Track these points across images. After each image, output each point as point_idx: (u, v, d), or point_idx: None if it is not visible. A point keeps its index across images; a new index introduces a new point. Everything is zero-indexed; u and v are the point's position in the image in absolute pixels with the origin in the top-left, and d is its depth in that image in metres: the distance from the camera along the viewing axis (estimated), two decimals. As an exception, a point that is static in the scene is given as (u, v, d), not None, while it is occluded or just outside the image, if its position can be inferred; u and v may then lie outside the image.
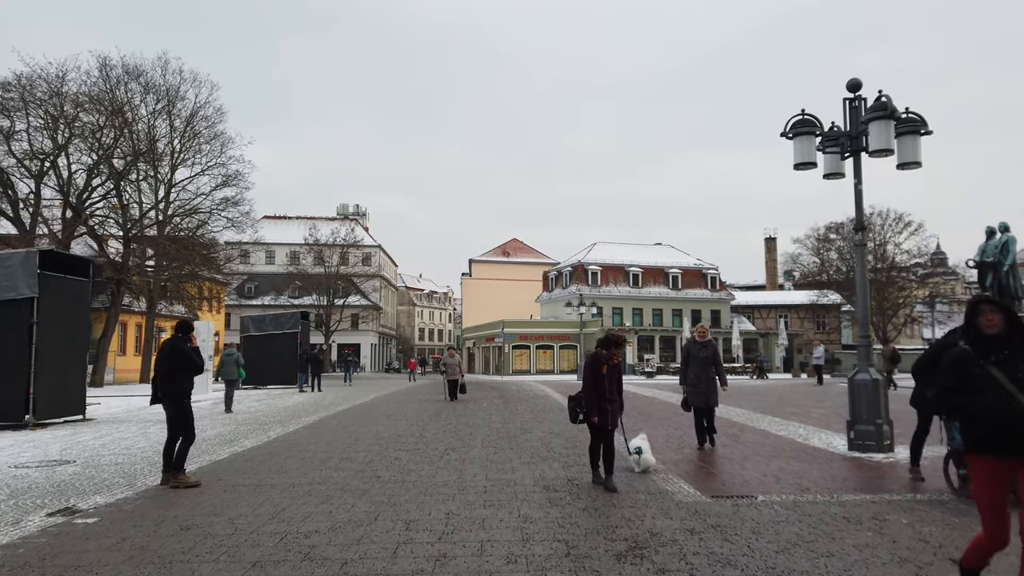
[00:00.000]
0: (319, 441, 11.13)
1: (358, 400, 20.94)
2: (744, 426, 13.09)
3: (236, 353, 19.33)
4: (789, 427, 12.54)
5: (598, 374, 7.27)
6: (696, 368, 9.74)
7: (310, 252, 69.07)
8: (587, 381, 7.26)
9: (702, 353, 9.77)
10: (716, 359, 9.82)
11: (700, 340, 9.88)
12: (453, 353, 20.92)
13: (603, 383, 7.23)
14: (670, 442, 10.63)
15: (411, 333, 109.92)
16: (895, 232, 56.14)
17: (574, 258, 64.24)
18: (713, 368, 9.76)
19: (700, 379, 9.67)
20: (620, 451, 7.78)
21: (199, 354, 8.09)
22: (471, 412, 16.29)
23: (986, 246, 26.80)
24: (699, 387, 9.68)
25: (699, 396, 9.70)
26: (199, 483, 7.54)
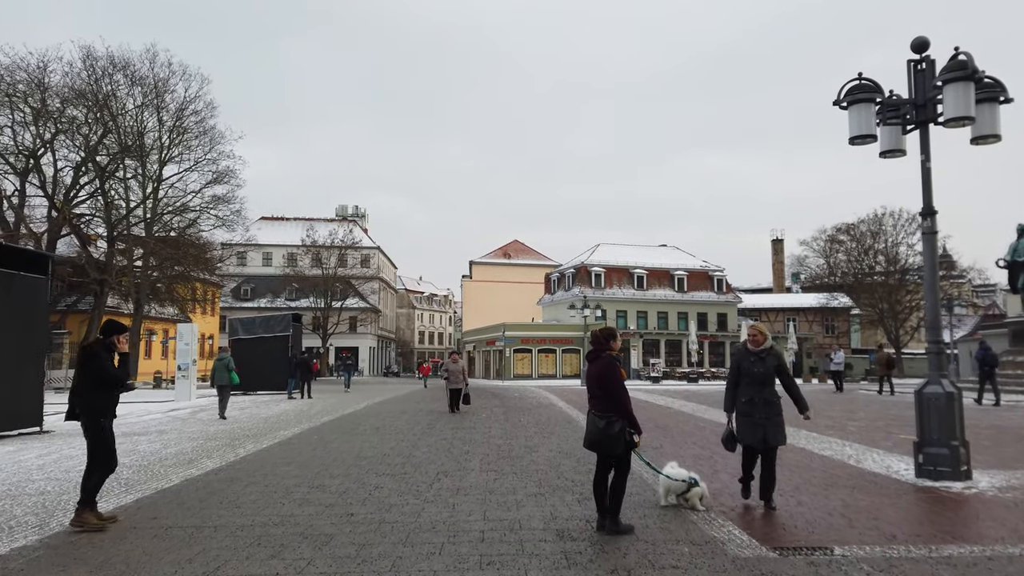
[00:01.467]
0: (291, 462, 9.60)
1: (347, 409, 19.41)
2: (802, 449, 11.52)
3: (228, 357, 18.30)
4: (831, 444, 11.00)
5: (621, 378, 5.82)
6: (750, 389, 6.58)
7: (307, 254, 67.68)
8: (619, 390, 5.71)
9: (757, 367, 6.58)
10: (782, 374, 6.64)
11: (753, 347, 6.66)
12: (456, 358, 18.52)
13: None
14: (700, 464, 9.09)
15: (411, 336, 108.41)
16: (908, 233, 54.69)
17: (577, 259, 62.72)
18: (772, 389, 6.59)
19: (755, 405, 6.52)
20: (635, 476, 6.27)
21: (125, 364, 6.52)
22: (469, 425, 14.76)
23: (1017, 245, 25.27)
24: (753, 416, 6.50)
25: (752, 429, 6.50)
26: (109, 523, 6.01)
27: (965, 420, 7.97)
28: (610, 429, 5.64)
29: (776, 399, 6.57)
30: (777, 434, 6.49)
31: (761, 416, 6.50)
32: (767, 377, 6.59)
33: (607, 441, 5.65)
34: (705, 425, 14.49)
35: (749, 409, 6.57)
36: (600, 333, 5.98)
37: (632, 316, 58.21)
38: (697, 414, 17.05)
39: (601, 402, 5.74)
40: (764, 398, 6.52)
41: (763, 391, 6.55)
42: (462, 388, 17.56)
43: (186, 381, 24.70)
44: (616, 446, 5.65)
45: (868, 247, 57.11)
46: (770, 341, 6.73)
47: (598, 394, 5.77)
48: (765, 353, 6.66)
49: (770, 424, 6.48)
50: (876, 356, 39.27)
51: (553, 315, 61.84)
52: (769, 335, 6.81)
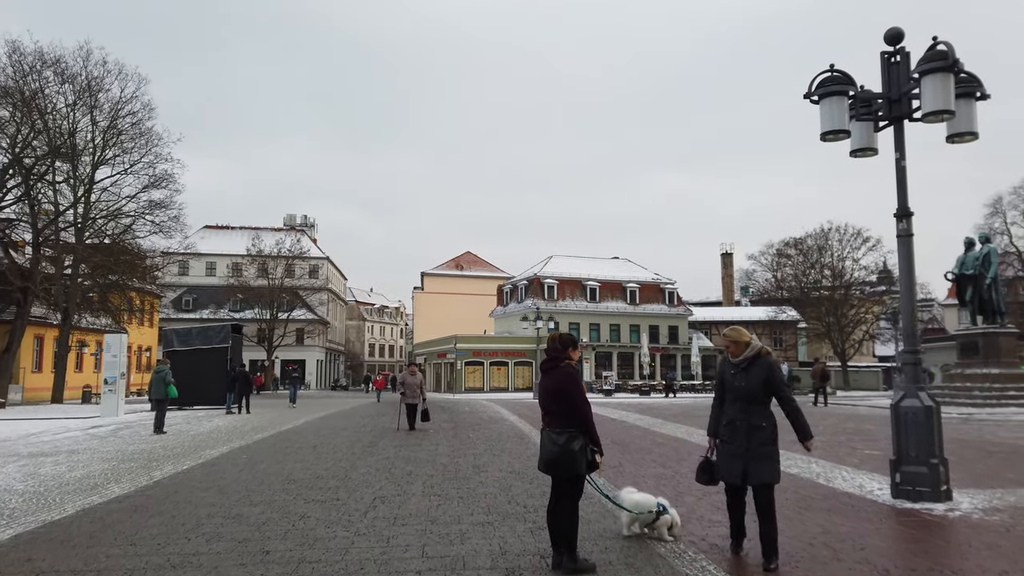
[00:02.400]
0: (210, 487, 8.57)
1: (285, 425, 18.25)
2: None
3: (165, 370, 17.47)
4: (796, 461, 10.44)
5: (583, 391, 5.08)
6: (733, 408, 5.19)
7: (253, 263, 65.62)
8: (581, 404, 4.95)
9: (739, 381, 5.18)
10: (775, 389, 5.14)
11: (733, 357, 5.26)
12: (414, 370, 16.80)
13: None
14: (663, 485, 8.39)
15: (361, 349, 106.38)
16: (853, 248, 55.71)
17: (530, 271, 62.20)
18: (761, 409, 5.11)
19: (736, 429, 5.11)
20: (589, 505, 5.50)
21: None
22: (414, 442, 13.84)
23: (965, 258, 25.52)
24: (734, 444, 5.11)
25: (730, 461, 5.13)
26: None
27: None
28: (570, 445, 4.83)
29: (766, 423, 5.05)
30: (762, 469, 4.98)
31: (742, 444, 5.05)
32: (752, 393, 5.10)
33: (566, 460, 4.84)
34: (664, 441, 13.87)
35: (730, 434, 5.15)
36: (558, 339, 5.21)
37: (585, 328, 57.82)
38: (654, 428, 16.46)
39: (559, 418, 4.95)
40: (749, 421, 5.06)
41: (748, 412, 5.08)
42: (419, 403, 16.01)
43: (113, 396, 23.11)
44: (577, 465, 4.85)
45: (815, 261, 57.99)
46: (755, 346, 5.23)
47: (554, 409, 4.99)
48: (747, 363, 5.18)
49: (753, 455, 5.00)
50: (812, 368, 39.59)
51: (505, 327, 61.11)
52: (752, 338, 5.32)
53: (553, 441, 4.91)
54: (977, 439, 13.74)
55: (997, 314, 23.73)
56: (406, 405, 16.16)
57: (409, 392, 16.08)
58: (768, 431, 5.07)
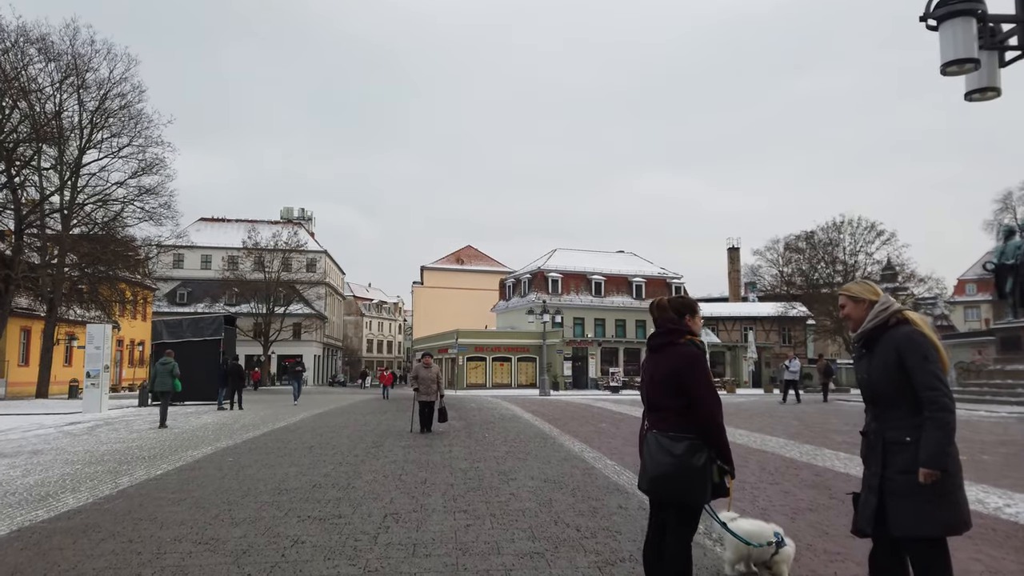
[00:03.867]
0: (185, 499, 7.06)
1: (278, 423, 16.71)
2: (821, 469, 9.43)
3: (172, 362, 16.62)
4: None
5: (711, 379, 3.57)
6: (867, 412, 3.38)
7: (249, 256, 64.01)
8: (708, 398, 3.41)
9: (862, 368, 3.36)
10: (913, 375, 3.08)
11: (853, 330, 3.37)
12: (428, 362, 14.18)
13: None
14: (738, 497, 6.88)
15: (359, 345, 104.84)
16: (867, 242, 54.18)
17: (533, 265, 60.63)
18: (905, 412, 3.13)
19: (872, 445, 3.27)
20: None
21: None
22: (424, 443, 12.33)
23: (1005, 247, 23.97)
24: (868, 467, 3.29)
25: (864, 498, 3.25)
26: None
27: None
28: (691, 458, 3.36)
29: (911, 436, 3.08)
30: (908, 511, 3.05)
31: (875, 471, 3.18)
32: (880, 387, 3.19)
33: (684, 479, 3.36)
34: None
35: (864, 454, 3.33)
36: (670, 305, 3.70)
37: (589, 323, 56.33)
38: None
39: (674, 418, 3.46)
40: (884, 434, 3.17)
41: (881, 418, 3.20)
42: (436, 401, 13.71)
43: (96, 390, 21.58)
44: (697, 488, 3.37)
45: (823, 255, 56.47)
46: (885, 308, 3.23)
47: (666, 405, 3.49)
48: (869, 336, 3.25)
49: (894, 489, 3.09)
50: (816, 365, 38.13)
51: (508, 322, 59.61)
52: (883, 295, 3.33)
53: (666, 450, 3.42)
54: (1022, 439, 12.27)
55: (1040, 306, 22.26)
56: (420, 403, 13.93)
57: (423, 387, 13.78)
58: (917, 447, 3.06)
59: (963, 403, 22.53)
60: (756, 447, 11.31)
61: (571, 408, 22.61)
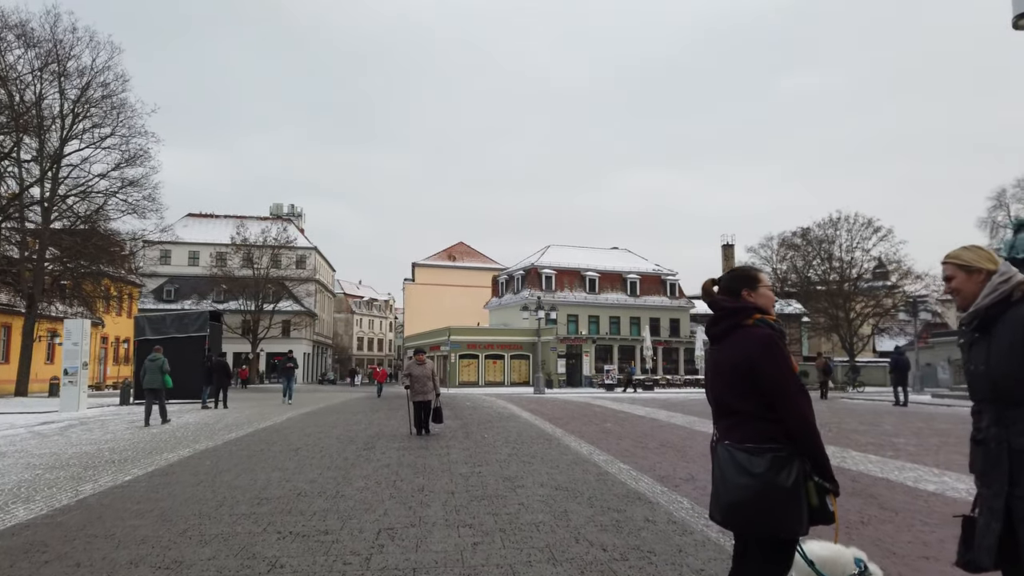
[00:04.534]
0: (150, 511, 6.22)
1: (264, 422, 15.84)
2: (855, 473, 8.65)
3: (161, 359, 15.92)
4: (925, 474, 8.21)
5: (794, 369, 2.69)
6: (981, 413, 2.62)
7: (237, 253, 62.89)
8: (794, 393, 2.60)
9: (976, 359, 2.58)
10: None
11: (961, 308, 2.68)
12: (422, 359, 13.16)
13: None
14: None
15: (349, 342, 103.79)
16: (863, 238, 53.61)
17: (527, 261, 59.82)
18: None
19: (990, 454, 2.50)
20: None
21: None
22: (419, 444, 11.52)
23: (1015, 241, 23.36)
24: (989, 484, 2.49)
25: (984, 520, 2.50)
26: None
27: None
28: (777, 476, 2.53)
29: None
30: None
31: (1000, 487, 2.42)
32: (1001, 379, 2.45)
33: (771, 505, 2.52)
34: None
35: (981, 465, 2.56)
36: (731, 277, 2.91)
37: (583, 320, 55.58)
38: (695, 427, 14.16)
39: (751, 424, 2.63)
40: (1009, 440, 2.41)
41: (1003, 419, 2.45)
42: (432, 400, 12.73)
43: (73, 388, 20.66)
44: (790, 516, 2.54)
45: (818, 252, 55.92)
46: (1006, 275, 2.53)
47: (741, 406, 2.66)
48: (985, 316, 2.54)
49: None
50: (816, 363, 37.71)
51: (501, 319, 58.81)
52: (1002, 263, 2.61)
53: (742, 468, 2.58)
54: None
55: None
56: (414, 404, 12.91)
57: (417, 386, 12.72)
58: None
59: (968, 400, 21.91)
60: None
61: (570, 407, 21.84)
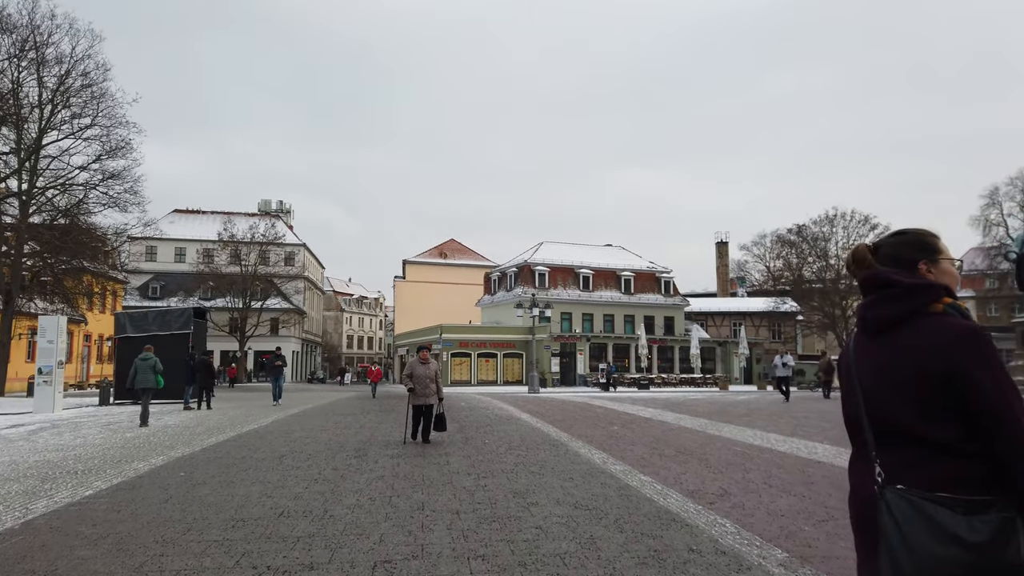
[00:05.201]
0: (105, 536, 5.31)
1: (247, 425, 14.88)
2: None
3: (153, 357, 15.62)
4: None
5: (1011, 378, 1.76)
6: None
7: (225, 249, 61.67)
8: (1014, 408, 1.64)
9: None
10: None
11: None
12: (426, 356, 11.59)
13: None
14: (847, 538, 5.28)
15: (338, 341, 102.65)
16: (860, 236, 53.02)
17: (519, 258, 58.94)
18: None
19: None
20: None
21: None
22: (415, 451, 10.63)
23: (1029, 235, 22.85)
24: None
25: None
26: None
27: None
28: (1006, 552, 1.58)
29: None
30: None
31: None
32: None
33: None
34: (749, 452, 10.74)
35: None
36: (903, 242, 2.00)
37: (578, 318, 54.78)
38: (709, 431, 13.33)
39: (944, 459, 1.69)
40: None
41: None
42: (434, 405, 11.25)
43: (48, 388, 19.68)
44: None
45: (817, 249, 55.38)
46: None
47: (929, 432, 1.72)
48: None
49: None
50: (820, 362, 37.58)
51: (493, 317, 57.92)
52: None
53: (945, 531, 1.61)
54: None
55: (1065, 299, 20.98)
56: (414, 408, 11.42)
57: (419, 387, 11.17)
58: None
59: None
60: (817, 459, 9.75)
61: (569, 407, 21.00)
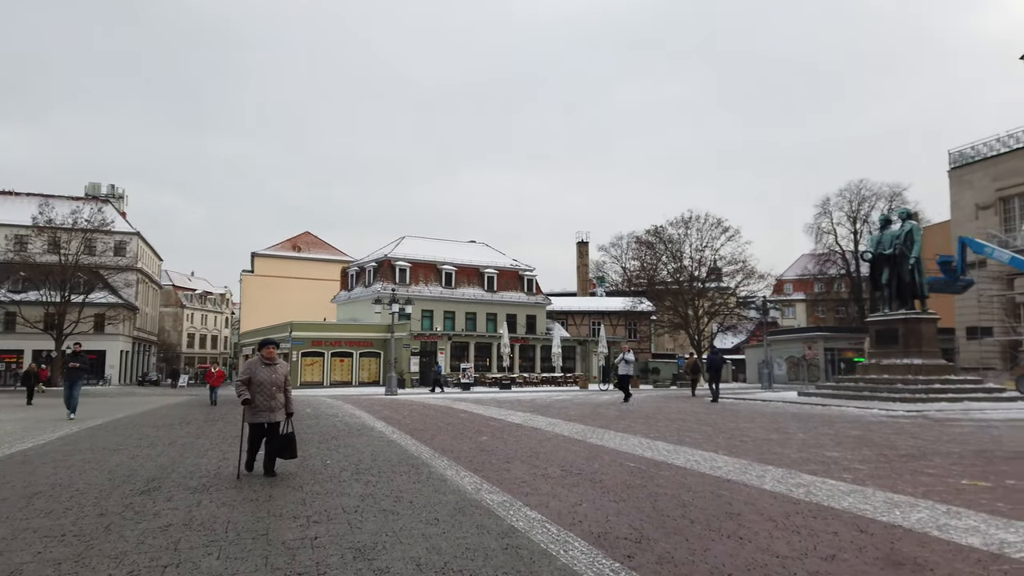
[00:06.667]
0: None
1: (19, 443, 11.60)
2: (885, 525, 6.50)
3: None
4: (900, 505, 6.21)
5: None
6: None
7: (40, 236, 54.30)
8: None
9: None
10: None
11: None
12: (273, 355, 8.32)
13: None
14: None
15: (178, 339, 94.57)
16: (712, 238, 54.91)
17: (379, 252, 56.16)
18: None
19: None
20: None
21: None
22: (228, 484, 8.25)
23: (882, 236, 22.94)
24: None
25: None
26: None
27: None
28: None
29: None
30: None
31: None
32: None
33: None
34: (645, 468, 9.22)
35: None
36: None
37: (439, 316, 52.85)
38: (590, 439, 11.75)
39: None
40: None
41: None
42: (280, 422, 8.01)
43: None
44: None
45: (674, 250, 56.84)
46: None
47: None
48: None
49: None
50: (686, 362, 38.62)
51: (350, 314, 54.80)
52: None
53: None
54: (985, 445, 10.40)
55: (916, 298, 21.62)
56: (251, 426, 8.02)
57: (262, 398, 7.93)
58: None
59: (841, 400, 21.43)
60: (725, 476, 8.38)
61: (430, 412, 19.02)
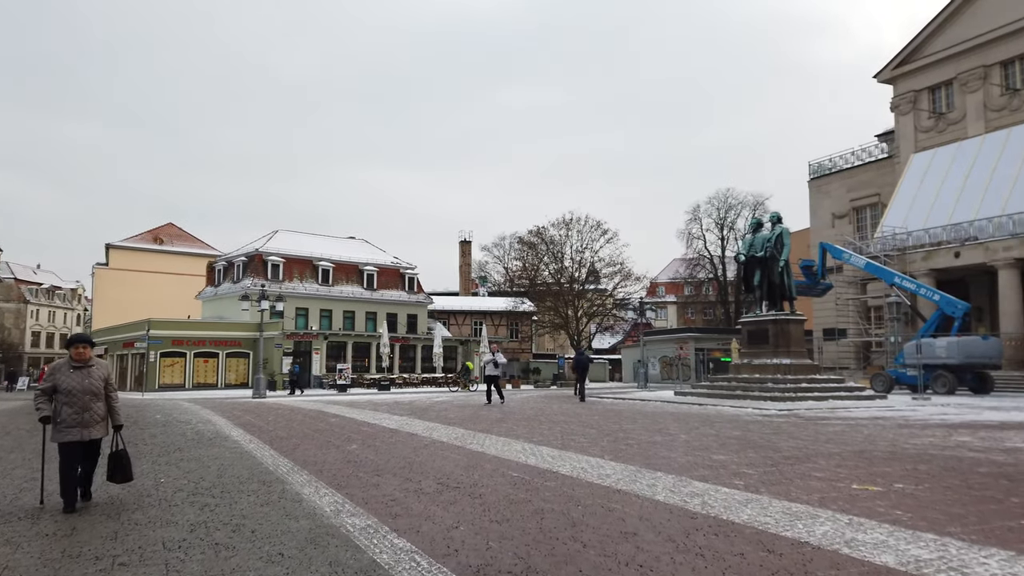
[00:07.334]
0: None
1: None
2: (792, 542, 5.95)
3: None
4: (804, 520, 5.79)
5: None
6: None
7: None
8: None
9: None
10: None
11: None
12: (86, 354, 6.43)
13: None
14: None
15: (21, 338, 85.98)
16: (592, 240, 55.79)
17: (250, 246, 53.04)
18: None
19: None
20: None
21: None
22: (25, 513, 6.79)
23: (754, 239, 23.59)
24: None
25: None
26: None
27: None
28: None
29: None
30: None
31: None
32: None
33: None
34: (530, 478, 8.46)
35: None
36: None
37: (315, 314, 50.53)
38: (470, 445, 10.91)
39: None
40: None
41: None
42: (99, 439, 6.46)
43: None
44: None
45: (555, 252, 57.35)
46: None
47: None
48: None
49: None
50: (573, 361, 38.70)
51: (216, 311, 51.40)
52: None
53: None
54: (917, 451, 10.53)
55: (784, 299, 22.35)
56: (62, 448, 6.21)
57: (71, 411, 6.21)
58: None
59: (716, 399, 21.80)
60: (615, 486, 7.75)
61: (298, 416, 17.60)
